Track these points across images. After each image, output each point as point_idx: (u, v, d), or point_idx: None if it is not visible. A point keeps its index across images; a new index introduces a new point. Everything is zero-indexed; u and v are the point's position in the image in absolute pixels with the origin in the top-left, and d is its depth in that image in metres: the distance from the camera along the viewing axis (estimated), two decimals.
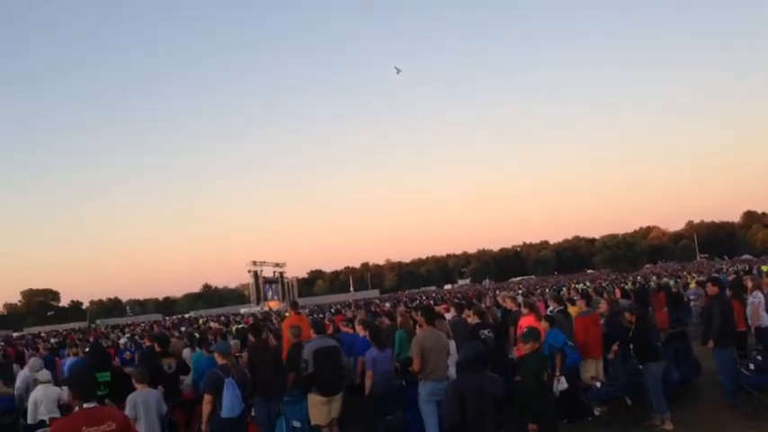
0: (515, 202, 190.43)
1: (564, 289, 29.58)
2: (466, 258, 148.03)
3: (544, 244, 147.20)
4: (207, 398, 6.80)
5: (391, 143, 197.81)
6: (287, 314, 28.32)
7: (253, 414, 8.19)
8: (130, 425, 4.36)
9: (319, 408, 7.51)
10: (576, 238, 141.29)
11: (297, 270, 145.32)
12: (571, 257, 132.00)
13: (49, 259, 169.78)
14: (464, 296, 29.07)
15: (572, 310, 10.77)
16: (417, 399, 7.49)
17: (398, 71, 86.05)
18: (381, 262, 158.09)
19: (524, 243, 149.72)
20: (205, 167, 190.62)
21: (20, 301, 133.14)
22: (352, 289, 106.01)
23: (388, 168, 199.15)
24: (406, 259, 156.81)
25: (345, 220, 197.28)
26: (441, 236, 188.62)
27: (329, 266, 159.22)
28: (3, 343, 30.37)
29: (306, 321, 10.64)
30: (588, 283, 36.52)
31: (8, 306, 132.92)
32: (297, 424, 7.85)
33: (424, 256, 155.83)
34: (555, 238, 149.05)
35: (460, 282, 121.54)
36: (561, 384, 7.99)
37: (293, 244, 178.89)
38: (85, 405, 4.10)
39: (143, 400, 6.95)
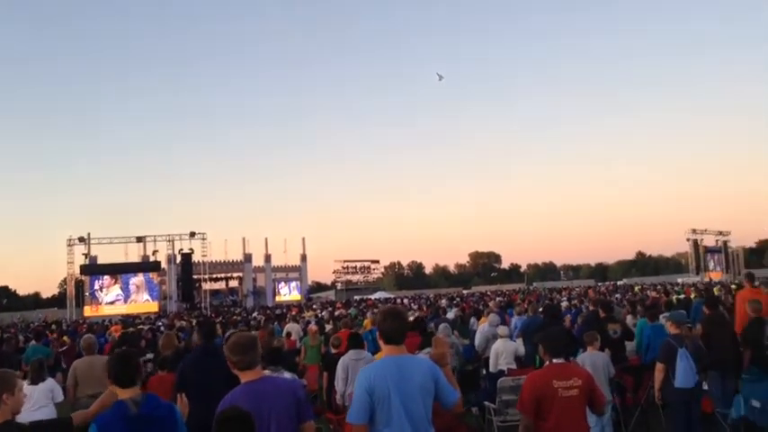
0: None
1: None
2: None
3: None
4: (660, 366, 6.79)
5: None
6: (733, 286, 26.01)
7: (705, 388, 7.89)
8: (594, 383, 4.64)
9: None
10: None
11: (744, 239, 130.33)
12: None
13: (492, 225, 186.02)
14: None
15: None
16: None
17: (441, 78, 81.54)
18: None
19: None
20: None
21: (468, 262, 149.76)
22: None
23: None
24: None
25: None
26: None
27: None
28: (458, 299, 34.83)
29: (763, 296, 9.69)
30: None
31: (458, 266, 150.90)
32: (756, 404, 7.28)
33: None
34: None
35: None
36: None
37: (740, 210, 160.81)
38: (554, 360, 4.54)
39: (591, 361, 7.33)
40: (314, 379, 11.43)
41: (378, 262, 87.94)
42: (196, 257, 57.74)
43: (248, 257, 67.87)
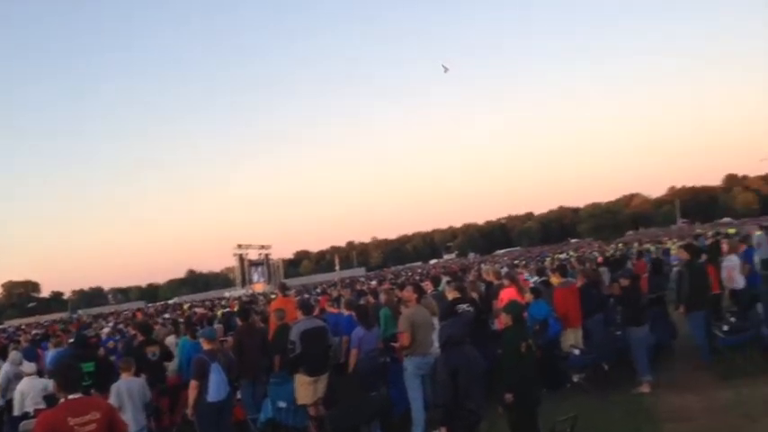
0: (501, 175, 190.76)
1: (548, 259, 30.02)
2: (452, 233, 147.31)
3: (529, 215, 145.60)
4: (193, 383, 6.87)
5: (376, 120, 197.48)
6: (273, 296, 28.36)
7: (239, 397, 8.31)
8: (116, 413, 4.41)
9: (306, 387, 7.62)
10: (561, 209, 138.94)
11: (283, 251, 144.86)
12: (556, 228, 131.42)
13: (28, 250, 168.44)
14: (448, 270, 29.23)
15: (554, 280, 10.74)
16: (401, 375, 7.57)
17: (446, 70, 78.38)
18: (367, 240, 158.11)
19: (509, 215, 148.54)
20: (188, 153, 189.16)
21: (1, 294, 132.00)
22: (337, 268, 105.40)
23: (372, 146, 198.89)
24: (392, 236, 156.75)
25: (330, 200, 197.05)
26: (426, 212, 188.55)
27: (315, 246, 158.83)
28: None
29: (293, 303, 10.67)
30: (572, 253, 36.92)
31: None
32: (282, 404, 7.97)
33: (410, 233, 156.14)
34: (540, 209, 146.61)
35: (446, 256, 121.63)
36: None
37: (279, 226, 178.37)
38: (70, 396, 4.15)
39: (127, 388, 7.09)
40: None
41: None
42: None
43: None
